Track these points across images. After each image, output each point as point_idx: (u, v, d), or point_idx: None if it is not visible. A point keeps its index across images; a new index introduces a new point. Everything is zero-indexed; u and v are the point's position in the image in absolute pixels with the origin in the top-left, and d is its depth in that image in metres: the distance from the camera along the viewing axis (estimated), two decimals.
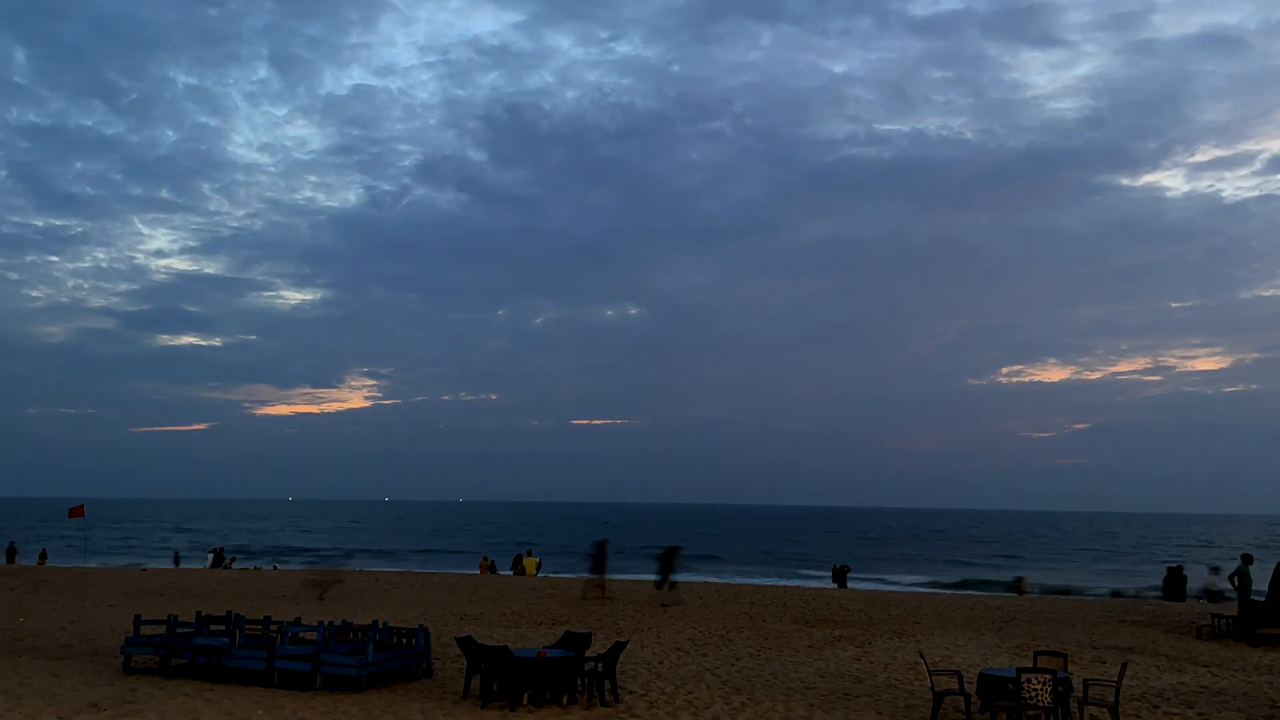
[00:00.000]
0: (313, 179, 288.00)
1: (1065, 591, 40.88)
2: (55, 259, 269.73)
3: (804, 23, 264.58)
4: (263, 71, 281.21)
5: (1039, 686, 10.53)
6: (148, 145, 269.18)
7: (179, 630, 14.57)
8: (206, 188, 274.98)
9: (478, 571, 41.11)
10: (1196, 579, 33.18)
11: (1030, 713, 10.60)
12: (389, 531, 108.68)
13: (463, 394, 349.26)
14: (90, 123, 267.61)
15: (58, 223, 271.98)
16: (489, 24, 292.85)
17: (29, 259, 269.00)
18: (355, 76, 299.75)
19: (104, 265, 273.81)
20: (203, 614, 15.29)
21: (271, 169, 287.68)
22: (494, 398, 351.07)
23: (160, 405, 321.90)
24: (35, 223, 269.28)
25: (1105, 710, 11.53)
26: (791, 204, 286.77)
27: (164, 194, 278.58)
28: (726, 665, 15.66)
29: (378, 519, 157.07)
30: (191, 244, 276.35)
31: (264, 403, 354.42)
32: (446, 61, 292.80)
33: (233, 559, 46.39)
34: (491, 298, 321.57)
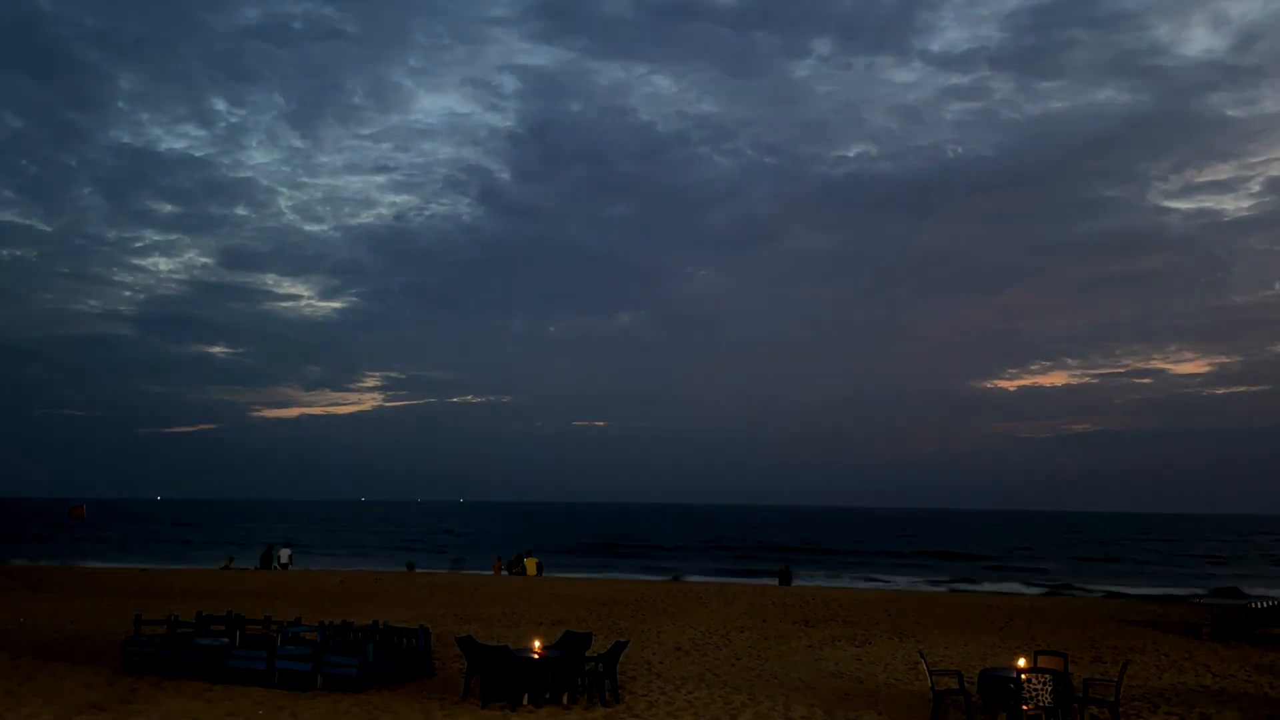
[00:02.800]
0: (361, 195, 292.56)
1: None
2: (115, 269, 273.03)
3: (830, 60, 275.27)
4: (358, 98, 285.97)
5: (1039, 686, 10.54)
6: (233, 166, 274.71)
7: (180, 630, 14.58)
8: (282, 203, 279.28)
9: (490, 571, 41.27)
10: None
11: (1031, 712, 10.61)
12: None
13: (470, 397, 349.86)
14: (182, 145, 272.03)
15: (127, 235, 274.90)
16: (542, 57, 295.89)
17: (93, 269, 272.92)
18: (428, 104, 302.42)
19: (163, 274, 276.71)
20: (203, 614, 15.32)
21: (355, 184, 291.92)
22: (506, 400, 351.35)
23: (184, 408, 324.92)
24: (107, 234, 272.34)
25: (1105, 710, 11.53)
26: (799, 214, 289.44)
27: (239, 210, 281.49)
28: (726, 665, 15.66)
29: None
30: (240, 256, 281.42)
31: (285, 405, 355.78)
32: (491, 88, 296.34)
33: (231, 558, 45.88)
34: (507, 305, 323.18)
